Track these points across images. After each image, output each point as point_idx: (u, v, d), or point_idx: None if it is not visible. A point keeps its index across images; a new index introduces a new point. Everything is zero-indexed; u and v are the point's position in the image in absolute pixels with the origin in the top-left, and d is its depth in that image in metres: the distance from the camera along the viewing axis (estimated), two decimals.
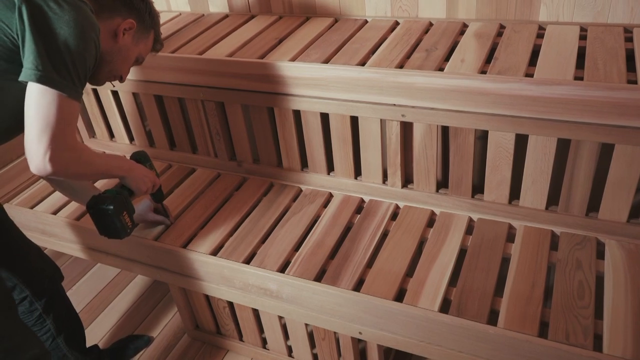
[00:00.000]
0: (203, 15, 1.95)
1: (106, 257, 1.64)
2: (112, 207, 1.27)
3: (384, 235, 1.44)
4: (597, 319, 1.13)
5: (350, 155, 1.55)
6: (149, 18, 1.28)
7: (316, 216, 1.54)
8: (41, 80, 0.96)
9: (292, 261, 1.38)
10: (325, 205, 1.59)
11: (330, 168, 1.63)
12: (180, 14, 1.98)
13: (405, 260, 1.34)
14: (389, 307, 1.21)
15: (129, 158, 1.40)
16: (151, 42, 1.33)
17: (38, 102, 0.98)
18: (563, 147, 1.28)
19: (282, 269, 1.37)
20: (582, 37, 1.39)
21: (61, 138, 1.00)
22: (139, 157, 1.42)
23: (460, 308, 1.19)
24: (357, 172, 1.60)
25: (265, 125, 1.63)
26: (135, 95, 1.81)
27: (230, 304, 1.56)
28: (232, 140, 1.73)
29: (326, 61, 1.48)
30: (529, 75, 1.27)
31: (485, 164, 1.39)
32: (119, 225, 1.30)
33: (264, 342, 1.61)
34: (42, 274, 1.41)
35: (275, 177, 1.71)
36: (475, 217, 1.45)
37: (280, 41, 1.65)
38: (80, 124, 2.01)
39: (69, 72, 0.99)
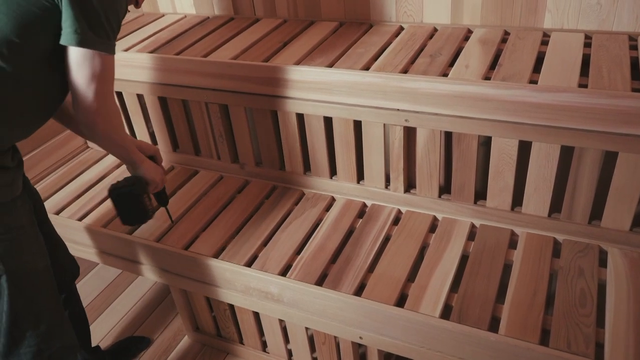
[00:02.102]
0: (208, 17, 1.95)
1: (107, 258, 1.64)
2: (135, 187, 1.30)
3: (386, 240, 1.44)
4: (599, 328, 1.13)
5: (353, 160, 1.55)
6: None
7: (318, 220, 1.54)
8: (81, 43, 1.04)
9: (294, 265, 1.38)
10: (328, 209, 1.59)
11: (332, 172, 1.63)
12: (186, 16, 1.99)
13: (407, 265, 1.34)
14: (389, 312, 1.21)
15: None
16: None
17: (79, 62, 1.07)
18: (566, 155, 1.28)
19: (284, 273, 1.37)
20: (587, 45, 1.39)
21: (103, 90, 1.11)
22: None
23: (461, 314, 1.19)
24: (360, 177, 1.59)
25: (268, 128, 1.63)
26: (139, 96, 1.81)
27: (231, 307, 1.56)
28: (235, 142, 1.74)
29: (330, 65, 1.48)
30: (533, 82, 1.27)
31: (488, 170, 1.39)
32: (143, 207, 1.32)
33: (264, 345, 1.61)
34: (66, 269, 1.43)
35: (278, 180, 1.72)
36: (477, 223, 1.45)
37: (285, 45, 1.65)
38: None
39: (104, 30, 1.07)
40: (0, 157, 1.09)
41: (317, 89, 1.43)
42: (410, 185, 1.55)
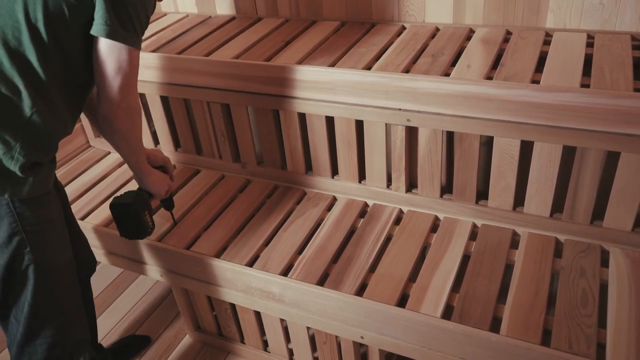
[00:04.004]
0: (210, 17, 1.95)
1: (109, 257, 1.64)
2: (135, 204, 1.30)
3: (387, 239, 1.44)
4: (601, 328, 1.13)
5: (355, 159, 1.55)
6: None
7: (320, 219, 1.54)
8: (109, 35, 1.08)
9: (295, 264, 1.38)
10: (329, 208, 1.59)
11: (334, 171, 1.63)
12: (188, 16, 1.99)
13: (408, 265, 1.34)
14: (391, 312, 1.21)
15: None
16: None
17: (106, 53, 1.10)
18: (568, 155, 1.28)
19: (285, 272, 1.37)
20: (589, 45, 1.39)
21: (128, 83, 1.14)
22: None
23: (462, 314, 1.19)
24: (362, 176, 1.59)
25: (270, 128, 1.63)
26: (141, 95, 1.81)
27: (232, 306, 1.56)
28: (237, 142, 1.74)
29: (332, 65, 1.48)
30: (535, 81, 1.27)
31: (490, 170, 1.38)
32: (142, 225, 1.33)
33: (265, 344, 1.61)
34: (85, 263, 1.45)
35: (279, 180, 1.72)
36: (479, 223, 1.45)
37: (287, 44, 1.65)
38: (86, 124, 2.02)
39: (132, 24, 1.10)
40: (39, 153, 1.11)
41: (318, 88, 1.43)
42: (411, 185, 1.55)
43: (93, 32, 1.08)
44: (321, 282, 1.32)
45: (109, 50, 1.10)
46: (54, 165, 1.20)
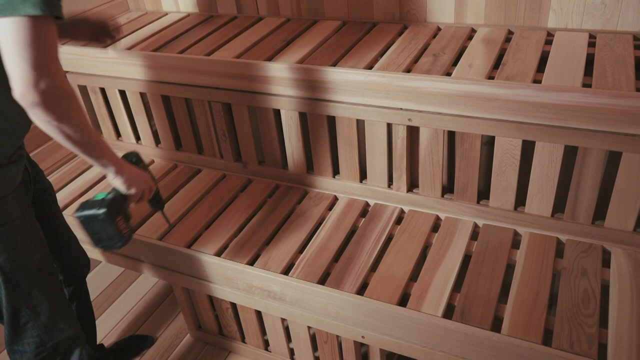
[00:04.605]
0: (211, 16, 1.95)
1: (110, 256, 1.64)
2: (103, 210, 1.10)
3: (389, 239, 1.44)
4: (602, 328, 1.13)
5: (356, 159, 1.55)
6: None
7: (321, 219, 1.54)
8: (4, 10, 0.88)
9: (296, 263, 1.38)
10: (330, 208, 1.58)
11: (335, 171, 1.63)
12: (189, 15, 1.99)
13: (410, 264, 1.34)
14: (392, 311, 1.21)
15: None
16: None
17: (5, 30, 0.89)
18: (570, 154, 1.28)
19: (286, 271, 1.37)
20: (591, 44, 1.39)
21: (41, 57, 0.91)
22: (131, 159, 1.25)
23: (464, 314, 1.19)
24: (363, 176, 1.59)
25: (271, 127, 1.63)
26: (142, 95, 1.81)
27: (233, 305, 1.56)
28: (238, 141, 1.74)
29: (334, 64, 1.48)
30: (537, 81, 1.27)
31: (492, 169, 1.38)
32: (113, 233, 1.13)
33: (266, 344, 1.61)
34: (77, 261, 1.45)
35: (281, 179, 1.71)
36: (480, 222, 1.45)
37: (288, 43, 1.65)
38: None
39: None
40: None
41: (320, 87, 1.43)
42: (413, 184, 1.55)
43: None
44: (322, 281, 1.32)
45: (6, 23, 0.89)
46: (18, 164, 1.14)
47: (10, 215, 1.12)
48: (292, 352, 1.56)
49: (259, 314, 1.52)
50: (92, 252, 1.67)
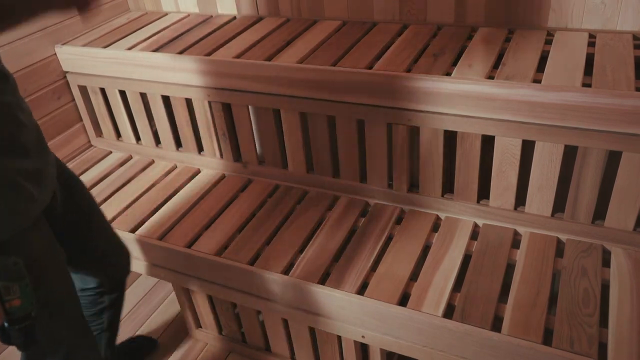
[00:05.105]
0: (211, 16, 1.95)
1: None
2: None
3: (389, 239, 1.44)
4: (602, 327, 1.13)
5: (356, 158, 1.55)
6: None
7: (321, 218, 1.54)
8: None
9: (296, 263, 1.38)
10: (330, 207, 1.59)
11: (335, 171, 1.63)
12: (189, 15, 1.99)
13: (410, 264, 1.34)
14: (392, 311, 1.21)
15: None
16: None
17: None
18: (570, 154, 1.28)
19: (286, 271, 1.37)
20: (591, 44, 1.39)
21: None
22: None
23: (464, 314, 1.19)
24: (363, 176, 1.59)
25: (271, 127, 1.63)
26: (142, 95, 1.81)
27: (233, 305, 1.56)
28: (238, 141, 1.74)
29: (333, 64, 1.48)
30: (537, 81, 1.27)
31: (491, 169, 1.38)
32: None
33: (266, 344, 1.61)
34: (122, 270, 1.38)
35: (281, 179, 1.72)
36: (480, 222, 1.45)
37: (288, 43, 1.65)
38: (87, 123, 2.02)
39: None
40: None
41: (320, 87, 1.43)
42: (413, 184, 1.55)
43: None
44: (322, 281, 1.32)
45: None
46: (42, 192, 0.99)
47: (33, 252, 0.99)
48: (292, 351, 1.56)
49: (259, 313, 1.52)
50: None
